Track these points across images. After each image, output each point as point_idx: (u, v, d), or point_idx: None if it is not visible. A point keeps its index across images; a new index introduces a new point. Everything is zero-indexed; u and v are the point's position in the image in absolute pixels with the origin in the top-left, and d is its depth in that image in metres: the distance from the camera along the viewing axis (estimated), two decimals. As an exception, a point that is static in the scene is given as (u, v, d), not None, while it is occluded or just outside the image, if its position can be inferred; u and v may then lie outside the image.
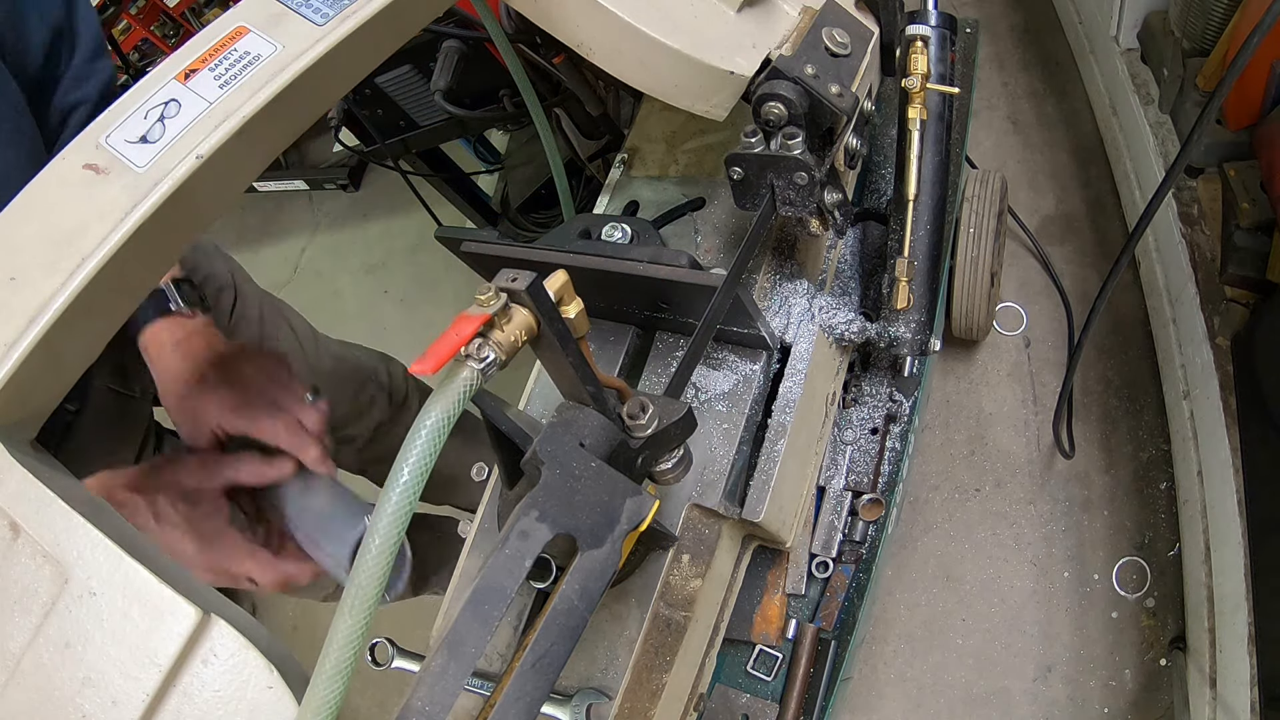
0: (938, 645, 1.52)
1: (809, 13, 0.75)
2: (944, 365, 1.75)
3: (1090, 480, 1.57)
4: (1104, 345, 1.67)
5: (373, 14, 0.56)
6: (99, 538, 0.42)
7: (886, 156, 1.14)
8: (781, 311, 0.86)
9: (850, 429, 1.02)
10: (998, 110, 2.00)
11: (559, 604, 0.43)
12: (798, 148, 0.68)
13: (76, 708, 0.40)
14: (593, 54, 0.70)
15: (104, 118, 0.52)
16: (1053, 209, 1.85)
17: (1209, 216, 1.35)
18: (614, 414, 0.52)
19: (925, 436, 1.69)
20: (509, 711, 0.41)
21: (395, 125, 1.64)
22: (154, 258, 0.52)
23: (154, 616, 0.41)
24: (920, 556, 1.60)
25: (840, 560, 0.97)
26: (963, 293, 1.49)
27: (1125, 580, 1.48)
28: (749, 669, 0.91)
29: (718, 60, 0.68)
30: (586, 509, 0.46)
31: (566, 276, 0.48)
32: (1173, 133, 1.45)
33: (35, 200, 0.50)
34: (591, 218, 0.90)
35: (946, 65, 0.83)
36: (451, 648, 0.40)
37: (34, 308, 0.46)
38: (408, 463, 0.39)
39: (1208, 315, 1.29)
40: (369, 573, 0.38)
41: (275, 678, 0.42)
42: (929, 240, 0.86)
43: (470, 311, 0.43)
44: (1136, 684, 1.40)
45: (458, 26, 1.27)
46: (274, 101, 0.53)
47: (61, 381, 0.50)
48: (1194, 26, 1.28)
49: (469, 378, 0.41)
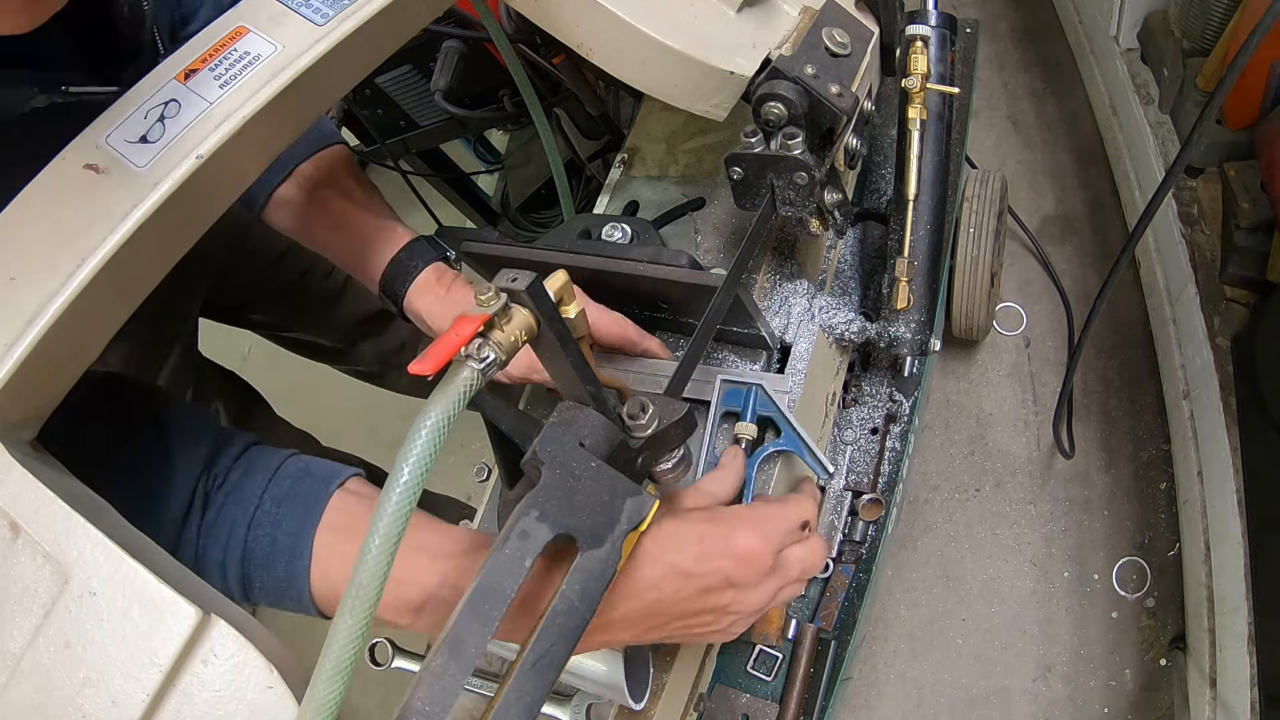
0: (938, 645, 1.52)
1: (809, 13, 0.75)
2: (944, 365, 1.75)
3: (1090, 480, 1.57)
4: (1104, 345, 1.67)
5: (373, 14, 0.56)
6: (99, 538, 0.42)
7: (886, 156, 1.14)
8: (781, 311, 0.86)
9: (850, 429, 1.02)
10: (998, 110, 2.00)
11: (559, 604, 0.43)
12: (798, 148, 0.68)
13: (76, 708, 0.40)
14: (593, 54, 0.70)
15: (104, 118, 0.52)
16: (1053, 209, 1.85)
17: (1209, 216, 1.35)
18: (614, 414, 0.52)
19: (925, 436, 1.69)
20: (509, 711, 0.41)
21: (395, 125, 1.64)
22: (154, 258, 0.52)
23: (154, 616, 0.41)
24: (920, 556, 1.60)
25: (840, 560, 0.97)
26: (963, 293, 1.49)
27: (1125, 580, 1.48)
28: (749, 669, 0.91)
29: (718, 60, 0.68)
30: (586, 509, 0.46)
31: (566, 276, 0.48)
32: (1173, 133, 1.45)
33: (35, 200, 0.50)
34: (591, 218, 0.90)
35: (946, 65, 0.83)
36: (451, 648, 0.40)
37: (34, 308, 0.46)
38: (408, 463, 0.39)
39: (1208, 315, 1.29)
40: (369, 573, 0.38)
41: (275, 678, 0.42)
42: (929, 240, 0.86)
43: (470, 312, 0.43)
44: (1136, 684, 1.40)
45: (458, 26, 1.27)
46: (274, 101, 0.53)
47: (61, 381, 0.50)
48: (1194, 26, 1.28)
49: (469, 378, 0.41)
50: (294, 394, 1.83)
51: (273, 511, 0.55)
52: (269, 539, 0.55)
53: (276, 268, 1.23)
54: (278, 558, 0.54)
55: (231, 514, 0.56)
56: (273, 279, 1.25)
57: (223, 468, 0.57)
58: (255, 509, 0.55)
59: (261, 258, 1.21)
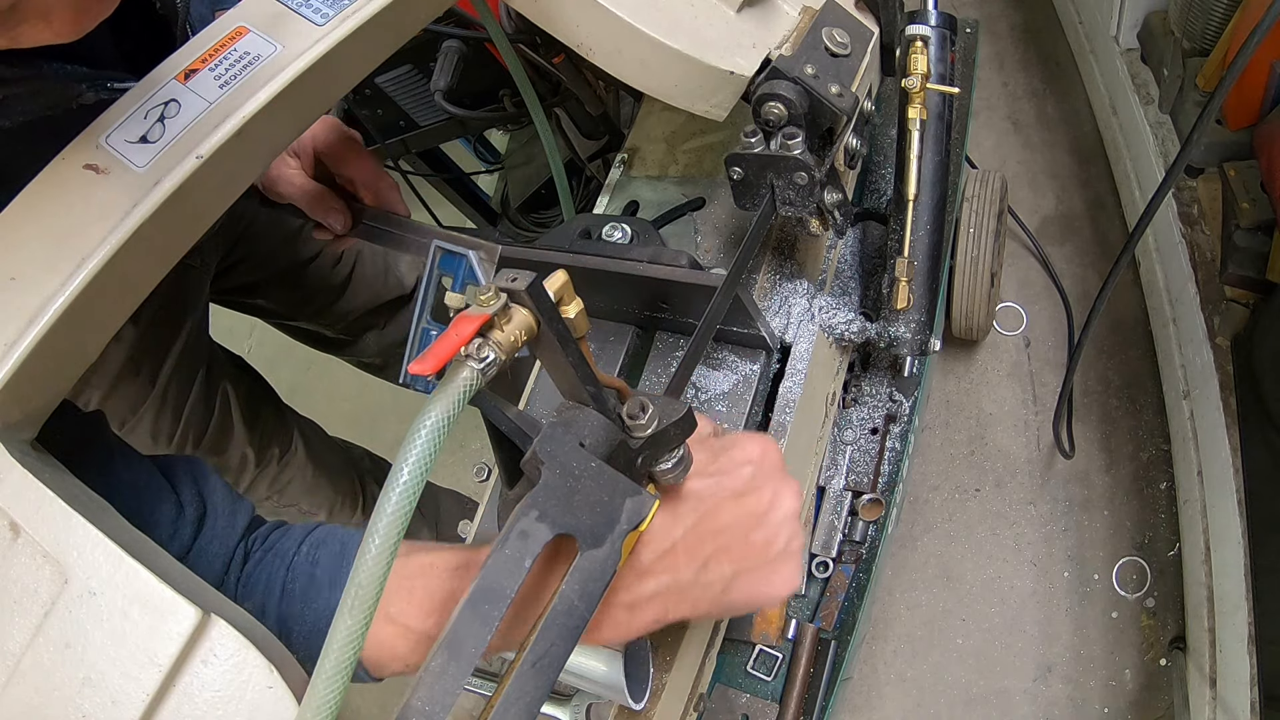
0: (938, 645, 1.52)
1: (809, 13, 0.75)
2: (944, 365, 1.75)
3: (1090, 480, 1.57)
4: (1104, 345, 1.67)
5: (373, 14, 0.56)
6: (99, 538, 0.42)
7: (886, 156, 1.14)
8: (781, 311, 0.86)
9: (850, 429, 1.02)
10: (998, 110, 2.00)
11: (559, 604, 0.43)
12: (798, 148, 0.68)
13: (76, 708, 0.40)
14: (593, 54, 0.70)
15: (104, 117, 0.52)
16: (1053, 209, 1.85)
17: (1209, 216, 1.35)
18: (614, 414, 0.52)
19: (925, 436, 1.69)
20: (509, 711, 0.41)
21: (395, 125, 1.64)
22: (154, 258, 0.52)
23: (154, 616, 0.41)
24: (920, 556, 1.60)
25: (840, 560, 0.97)
26: (963, 293, 1.49)
27: (1125, 580, 1.48)
28: (749, 669, 0.91)
29: (717, 60, 0.68)
30: (586, 509, 0.46)
31: (566, 276, 0.48)
32: (1173, 133, 1.45)
33: (35, 200, 0.50)
34: (591, 218, 0.90)
35: (946, 65, 0.83)
36: (451, 648, 0.40)
37: (34, 308, 0.46)
38: (407, 463, 0.39)
39: (1208, 315, 1.29)
40: (369, 573, 0.38)
41: (275, 678, 0.42)
42: (929, 240, 0.85)
43: (470, 311, 0.42)
44: (1136, 684, 1.40)
45: (458, 26, 1.27)
46: (274, 101, 0.53)
47: (61, 381, 0.50)
48: (1194, 26, 1.28)
49: (469, 378, 0.41)
50: (294, 390, 1.83)
51: (310, 554, 0.57)
52: (307, 575, 0.56)
53: (284, 249, 1.25)
54: (318, 590, 0.55)
55: (270, 563, 0.58)
56: (280, 261, 1.26)
57: (261, 533, 0.60)
58: (293, 555, 0.58)
59: (270, 238, 1.23)
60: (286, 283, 1.29)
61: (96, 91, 0.62)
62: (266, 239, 1.23)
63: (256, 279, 1.26)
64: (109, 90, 0.62)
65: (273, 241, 1.23)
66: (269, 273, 1.26)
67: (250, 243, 1.21)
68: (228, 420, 1.23)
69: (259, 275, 1.26)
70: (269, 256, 1.24)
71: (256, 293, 1.29)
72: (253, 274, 1.25)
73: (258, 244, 1.22)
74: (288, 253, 1.26)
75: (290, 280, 1.28)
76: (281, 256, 1.26)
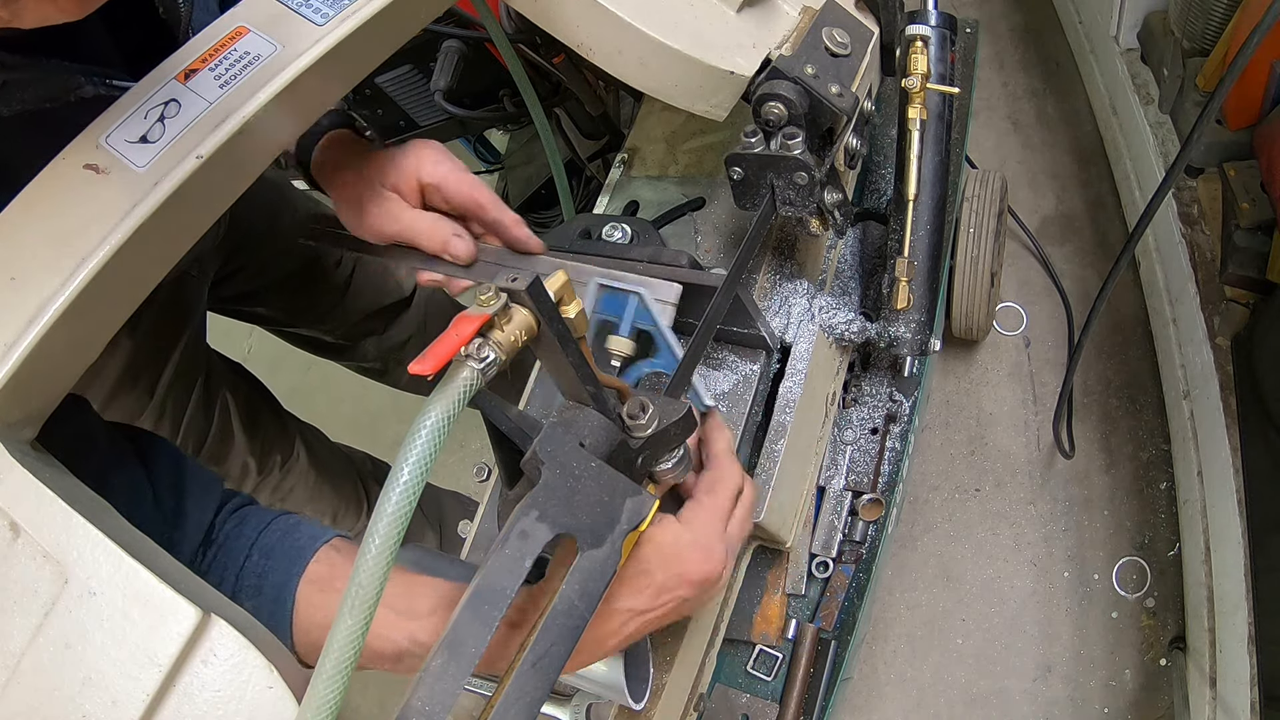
0: (938, 645, 1.52)
1: (809, 13, 0.75)
2: (944, 365, 1.75)
3: (1090, 480, 1.57)
4: (1104, 345, 1.67)
5: (373, 14, 0.56)
6: (99, 538, 0.42)
7: (886, 156, 1.14)
8: (781, 311, 0.86)
9: (850, 429, 1.02)
10: (998, 110, 2.00)
11: (559, 604, 0.43)
12: (798, 148, 0.68)
13: (76, 708, 0.40)
14: (593, 54, 0.70)
15: (104, 117, 0.52)
16: (1053, 209, 1.85)
17: (1209, 216, 1.35)
18: (614, 414, 0.52)
19: (925, 436, 1.69)
20: (509, 711, 0.41)
21: (395, 125, 1.63)
22: (154, 258, 0.52)
23: (154, 616, 0.41)
24: (920, 556, 1.60)
25: (840, 560, 0.97)
26: (963, 293, 1.49)
27: (1125, 580, 1.48)
28: (749, 669, 0.91)
29: (718, 60, 0.68)
30: (586, 509, 0.46)
31: (566, 276, 0.48)
32: (1173, 133, 1.45)
33: (35, 200, 0.50)
34: (591, 218, 0.90)
35: (946, 65, 0.83)
36: (451, 648, 0.40)
37: (34, 308, 0.46)
38: (408, 463, 0.39)
39: (1208, 315, 1.29)
40: (369, 573, 0.38)
41: (275, 678, 0.42)
42: (929, 240, 0.86)
43: (470, 311, 0.43)
44: (1136, 684, 1.40)
45: (458, 26, 1.27)
46: (274, 101, 0.53)
47: (61, 381, 0.50)
48: (1194, 26, 1.28)
49: (469, 378, 0.41)
50: (294, 393, 1.82)
51: (260, 564, 0.58)
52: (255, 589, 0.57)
53: (282, 256, 1.24)
54: (263, 608, 0.56)
55: (221, 563, 0.58)
56: (278, 268, 1.25)
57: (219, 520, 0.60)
58: (244, 560, 0.58)
59: (268, 244, 1.22)
60: (286, 289, 1.28)
61: (95, 85, 0.62)
62: (265, 246, 1.22)
63: (255, 286, 1.25)
64: (108, 86, 0.62)
65: (272, 249, 1.23)
66: (268, 280, 1.25)
67: (249, 250, 1.20)
68: (227, 429, 1.22)
69: (258, 283, 1.25)
70: (268, 263, 1.23)
71: (256, 300, 1.28)
72: (251, 282, 1.24)
73: (257, 251, 1.21)
74: (287, 259, 1.25)
75: (290, 287, 1.28)
76: (281, 263, 1.25)
